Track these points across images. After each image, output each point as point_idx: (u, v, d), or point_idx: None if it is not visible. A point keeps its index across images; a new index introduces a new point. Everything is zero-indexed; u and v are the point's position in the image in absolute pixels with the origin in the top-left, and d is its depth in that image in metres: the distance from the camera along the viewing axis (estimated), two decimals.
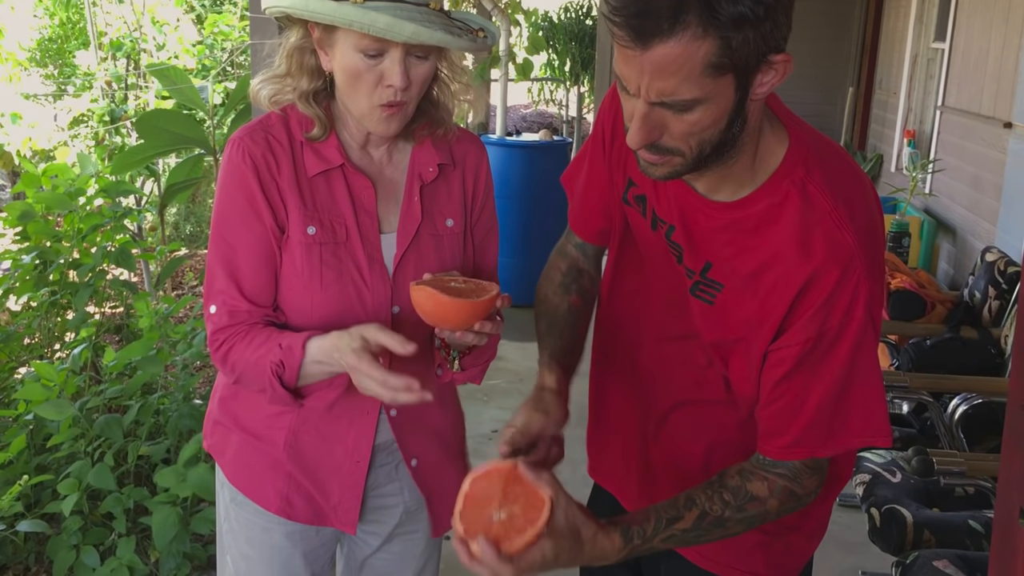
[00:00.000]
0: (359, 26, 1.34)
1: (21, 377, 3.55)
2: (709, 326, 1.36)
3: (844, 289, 1.23)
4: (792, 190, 1.26)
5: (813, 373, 1.27)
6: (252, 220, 1.48)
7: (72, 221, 3.89)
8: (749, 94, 1.17)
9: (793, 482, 1.31)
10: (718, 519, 1.30)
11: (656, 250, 1.43)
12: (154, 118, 3.80)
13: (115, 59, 6.67)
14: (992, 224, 4.48)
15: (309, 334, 1.44)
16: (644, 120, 1.17)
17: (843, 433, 1.30)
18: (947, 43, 5.46)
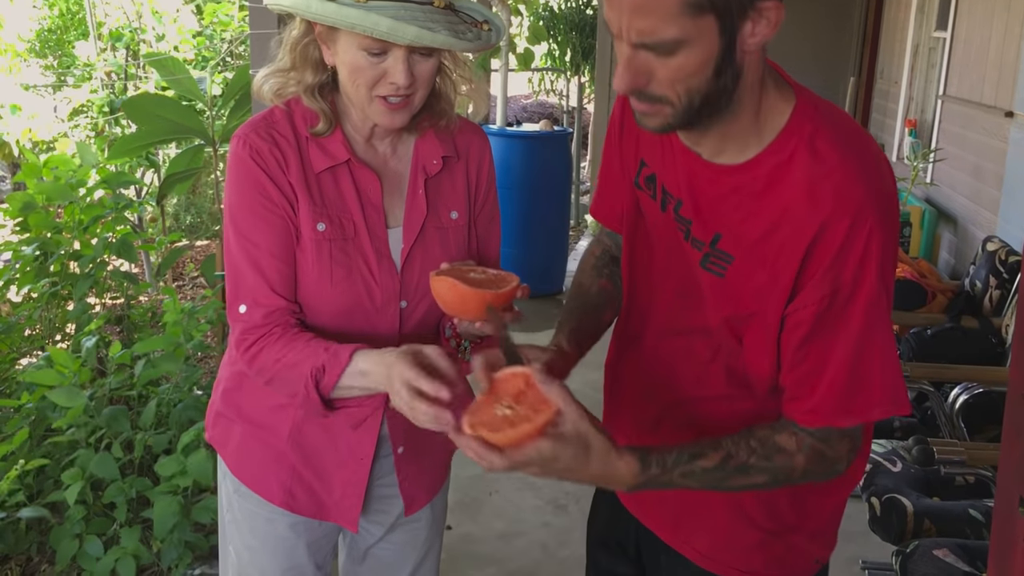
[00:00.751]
0: (361, 29, 1.33)
1: (23, 368, 3.55)
2: (720, 301, 1.32)
3: (855, 241, 1.20)
4: (800, 146, 1.24)
5: (832, 335, 1.23)
6: (268, 213, 1.46)
7: (73, 212, 3.89)
8: (736, 42, 1.16)
9: (823, 443, 1.27)
10: (743, 464, 1.26)
11: (665, 235, 1.41)
12: (143, 102, 3.77)
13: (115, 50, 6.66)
14: (993, 213, 4.47)
15: (356, 346, 1.42)
16: (629, 63, 1.17)
17: (864, 403, 1.26)
18: (948, 32, 5.44)
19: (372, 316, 1.52)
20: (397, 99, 1.41)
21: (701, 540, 1.46)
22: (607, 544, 1.65)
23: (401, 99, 1.42)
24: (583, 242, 7.61)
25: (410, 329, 1.56)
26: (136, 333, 4.01)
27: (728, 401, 1.40)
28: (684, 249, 1.37)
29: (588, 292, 1.58)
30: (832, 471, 1.30)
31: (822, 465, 1.29)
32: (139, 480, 2.96)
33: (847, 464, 1.31)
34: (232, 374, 1.65)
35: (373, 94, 1.41)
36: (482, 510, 3.46)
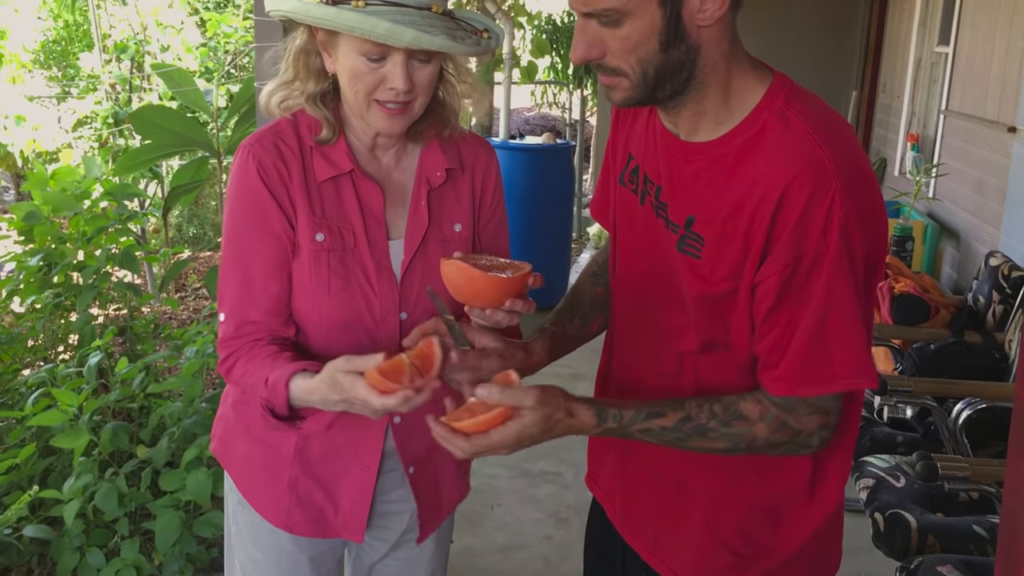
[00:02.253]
0: (360, 31, 1.34)
1: (26, 379, 3.55)
2: (697, 283, 1.33)
3: (818, 207, 1.21)
4: (771, 119, 1.27)
5: (795, 305, 1.25)
6: (263, 228, 1.47)
7: (77, 223, 3.90)
8: (682, 17, 1.22)
9: (787, 413, 1.28)
10: (701, 427, 1.29)
11: (647, 231, 1.43)
12: (149, 114, 3.79)
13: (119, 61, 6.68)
14: (996, 228, 4.47)
15: (293, 371, 1.41)
16: (581, 33, 1.27)
17: (825, 373, 1.26)
18: (951, 47, 5.45)
19: (371, 328, 1.52)
20: (396, 105, 1.42)
21: (679, 561, 1.46)
22: (600, 560, 1.66)
23: (400, 105, 1.42)
24: (585, 255, 7.61)
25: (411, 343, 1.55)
26: (139, 345, 4.02)
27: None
28: (665, 238, 1.38)
29: (581, 299, 1.63)
30: (802, 444, 1.31)
31: (787, 436, 1.29)
32: (141, 494, 2.96)
33: (819, 441, 1.30)
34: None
35: (372, 99, 1.42)
36: (484, 523, 3.45)
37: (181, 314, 5.90)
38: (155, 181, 5.76)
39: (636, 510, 1.51)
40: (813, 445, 1.31)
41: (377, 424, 1.58)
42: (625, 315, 1.53)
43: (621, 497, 1.55)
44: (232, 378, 1.50)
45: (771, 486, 1.41)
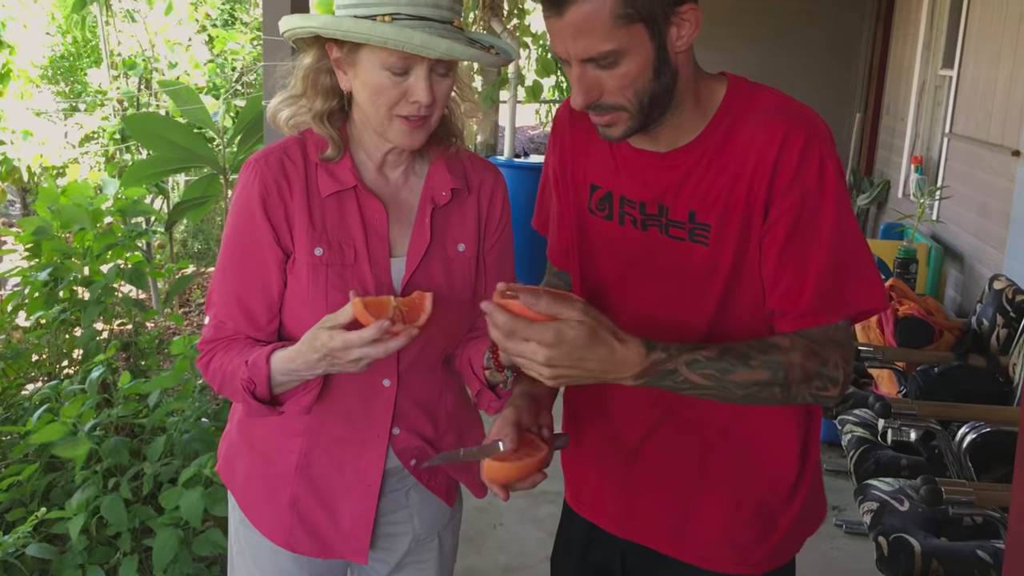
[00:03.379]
0: (394, 43, 1.36)
1: (30, 394, 3.55)
2: (711, 265, 1.41)
3: (812, 152, 1.34)
4: (743, 103, 1.40)
5: (806, 243, 1.35)
6: (252, 248, 1.50)
7: (83, 238, 3.91)
8: (667, 46, 1.33)
9: (813, 343, 1.36)
10: (742, 354, 1.33)
11: (622, 251, 1.49)
12: (146, 122, 3.81)
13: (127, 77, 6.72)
14: (1000, 252, 4.47)
15: (273, 347, 1.46)
16: (580, 80, 1.34)
17: (847, 296, 1.38)
18: (955, 71, 5.47)
19: None
20: (417, 118, 1.44)
21: (704, 545, 1.53)
22: (585, 572, 1.68)
23: (420, 118, 1.44)
24: None
25: (410, 358, 1.56)
26: (143, 360, 4.02)
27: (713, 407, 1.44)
28: (662, 243, 1.45)
29: None
30: (829, 378, 1.36)
31: (817, 364, 1.35)
32: (143, 509, 2.96)
33: (843, 376, 1.37)
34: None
35: (393, 113, 1.43)
36: (486, 543, 3.44)
37: (185, 329, 5.91)
38: (161, 197, 5.78)
39: (649, 509, 1.55)
40: (839, 380, 1.37)
41: (379, 440, 1.58)
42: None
43: (624, 502, 1.58)
44: (210, 370, 1.53)
45: (774, 461, 1.51)
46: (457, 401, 1.68)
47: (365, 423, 1.58)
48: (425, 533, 1.70)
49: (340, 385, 1.55)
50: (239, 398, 1.51)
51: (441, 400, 1.65)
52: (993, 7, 4.89)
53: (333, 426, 1.58)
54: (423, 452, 1.63)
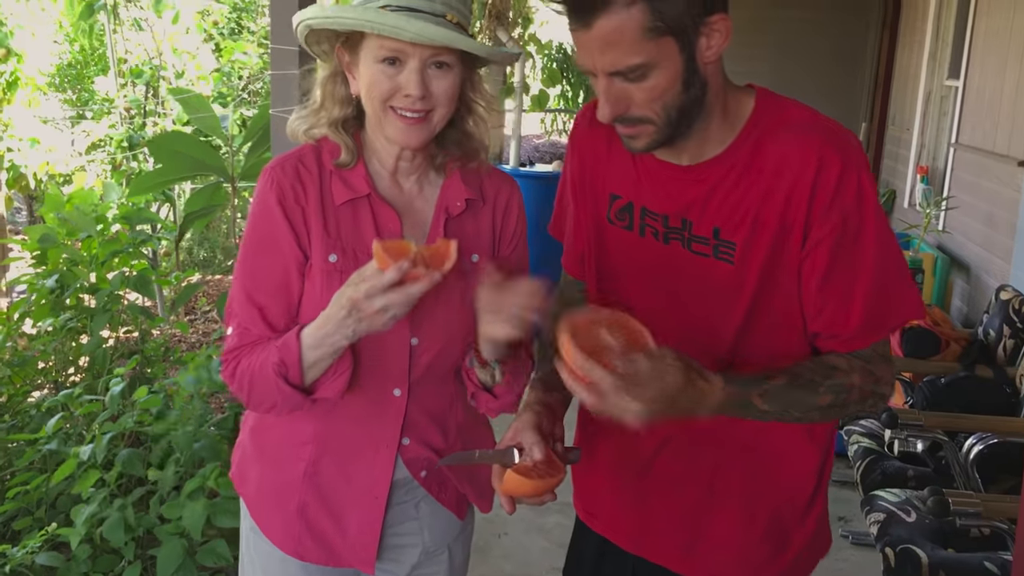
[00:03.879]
0: (370, 26, 1.37)
1: (37, 401, 3.56)
2: (734, 284, 1.40)
3: (850, 173, 1.32)
4: (772, 118, 1.38)
5: (850, 267, 1.35)
6: (272, 249, 1.50)
7: (90, 246, 3.92)
8: (696, 57, 1.29)
9: (868, 363, 1.38)
10: (809, 382, 1.34)
11: (643, 262, 1.48)
12: (168, 141, 3.83)
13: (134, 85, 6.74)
14: (1006, 262, 4.46)
15: (301, 325, 1.45)
16: (607, 94, 1.31)
17: (894, 313, 1.39)
18: (961, 81, 5.47)
19: (380, 351, 1.52)
20: (413, 114, 1.43)
21: (718, 563, 1.52)
22: None
23: (416, 115, 1.44)
24: None
25: (421, 368, 1.56)
26: (149, 368, 4.02)
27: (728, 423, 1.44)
28: (685, 257, 1.43)
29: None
30: (881, 393, 1.40)
31: (872, 383, 1.38)
32: (147, 518, 2.96)
33: (891, 390, 1.42)
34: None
35: (388, 105, 1.44)
36: (491, 552, 3.43)
37: (190, 337, 5.92)
38: (167, 204, 5.79)
39: (660, 526, 1.54)
40: (887, 395, 1.41)
41: (388, 450, 1.58)
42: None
43: (636, 518, 1.57)
44: (237, 375, 1.51)
45: (793, 474, 1.49)
46: (468, 412, 1.67)
47: (375, 432, 1.58)
48: (435, 546, 1.69)
49: (351, 393, 1.54)
50: (270, 391, 1.47)
51: (452, 411, 1.64)
52: (999, 17, 4.90)
53: (343, 435, 1.58)
54: (433, 463, 1.63)
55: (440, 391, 1.61)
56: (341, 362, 1.47)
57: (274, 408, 1.51)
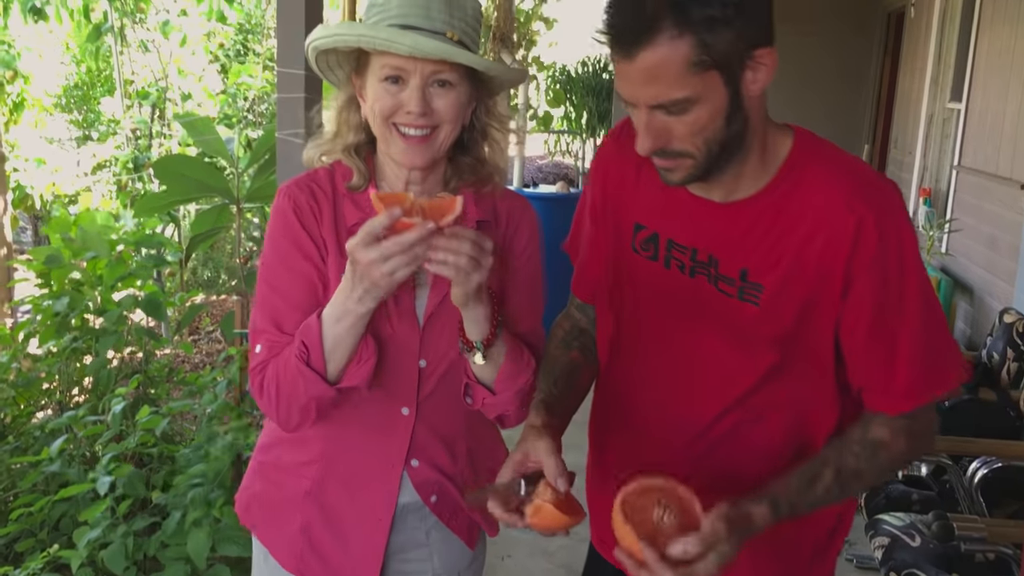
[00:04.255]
0: (366, 41, 1.39)
1: (41, 422, 3.56)
2: (759, 328, 1.38)
3: (890, 228, 1.30)
4: (811, 161, 1.35)
5: (894, 324, 1.32)
6: (295, 259, 1.50)
7: (95, 267, 3.93)
8: (741, 91, 1.26)
9: (913, 421, 1.36)
10: (855, 472, 1.33)
11: (674, 295, 1.44)
12: (174, 163, 3.84)
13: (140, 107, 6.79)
14: (1010, 285, 4.47)
15: (322, 307, 1.42)
16: (648, 127, 1.27)
17: (943, 373, 1.36)
18: (963, 104, 5.49)
19: (389, 371, 1.52)
20: (416, 131, 1.44)
21: None
22: None
23: (419, 133, 1.44)
24: None
25: (429, 390, 1.56)
26: (153, 388, 4.03)
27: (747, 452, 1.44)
28: (709, 293, 1.41)
29: (556, 363, 1.58)
30: (924, 447, 1.40)
31: (914, 442, 1.37)
32: (151, 542, 2.95)
33: (932, 440, 1.41)
34: (268, 430, 1.67)
35: (391, 123, 1.44)
36: (495, 575, 3.42)
37: (194, 357, 5.93)
38: (172, 224, 5.82)
39: None
40: (931, 444, 1.41)
41: (392, 471, 1.57)
42: (646, 374, 1.52)
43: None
44: (264, 386, 1.48)
45: (810, 524, 1.46)
46: (481, 436, 1.66)
47: (382, 451, 1.57)
48: (445, 573, 1.68)
49: (358, 410, 1.54)
50: (295, 386, 1.44)
51: (463, 434, 1.63)
52: (1001, 41, 4.93)
53: (349, 454, 1.58)
54: (443, 487, 1.62)
55: (450, 413, 1.60)
56: (365, 348, 1.45)
57: (303, 413, 1.47)
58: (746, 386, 1.41)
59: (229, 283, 7.20)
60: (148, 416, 3.20)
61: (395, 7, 1.42)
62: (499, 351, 1.48)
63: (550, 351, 1.61)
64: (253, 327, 1.54)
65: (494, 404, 1.53)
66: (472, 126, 1.54)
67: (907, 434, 1.36)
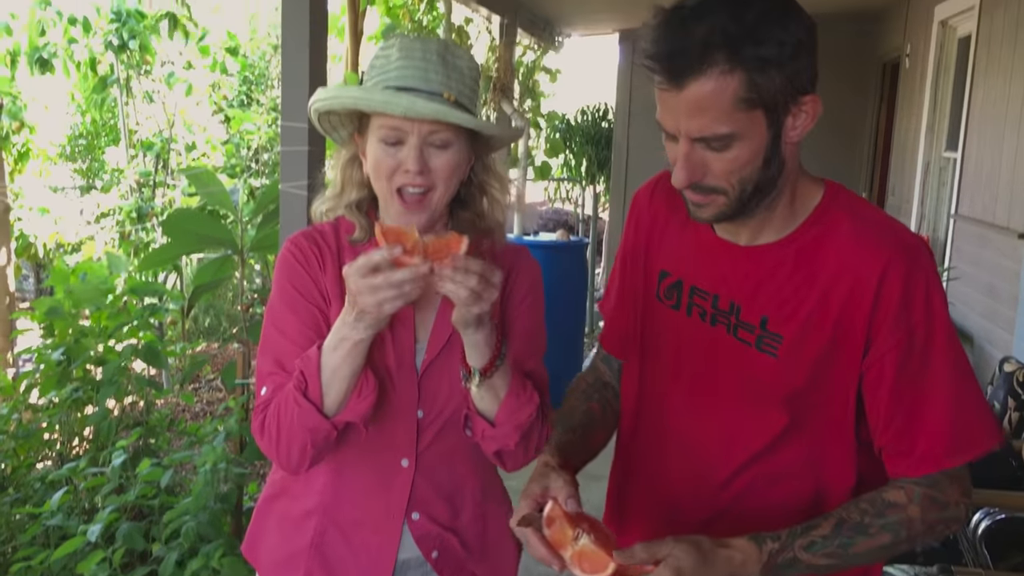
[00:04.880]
0: (363, 102, 1.43)
1: (41, 473, 3.55)
2: (777, 380, 1.35)
3: (917, 282, 1.28)
4: (840, 212, 1.34)
5: (919, 383, 1.29)
6: (299, 302, 1.53)
7: (99, 318, 3.95)
8: (782, 135, 1.26)
9: (932, 489, 1.29)
10: (858, 524, 1.27)
11: (686, 343, 1.44)
12: (181, 219, 3.88)
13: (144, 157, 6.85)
14: (1009, 333, 4.47)
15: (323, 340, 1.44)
16: (687, 159, 1.26)
17: (970, 438, 1.30)
18: (959, 153, 5.53)
19: (388, 422, 1.54)
20: (415, 189, 1.46)
21: None
22: None
23: (417, 193, 1.46)
24: None
25: (428, 440, 1.56)
26: (153, 439, 4.02)
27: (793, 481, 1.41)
28: (728, 343, 1.39)
29: (574, 413, 1.59)
30: (951, 519, 1.31)
31: (938, 512, 1.30)
32: None
33: (965, 511, 1.32)
34: (272, 481, 1.67)
35: (392, 186, 1.47)
36: None
37: (195, 406, 5.92)
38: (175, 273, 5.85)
39: None
40: (961, 517, 1.32)
41: (393, 523, 1.57)
42: (664, 428, 1.51)
43: None
44: (265, 424, 1.48)
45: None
46: (485, 490, 1.66)
47: (381, 503, 1.57)
48: None
49: (357, 463, 1.55)
50: (292, 420, 1.44)
51: (465, 486, 1.63)
52: (995, 91, 4.98)
53: (350, 505, 1.58)
54: (445, 542, 1.61)
55: (451, 466, 1.61)
56: (366, 383, 1.45)
57: (302, 451, 1.46)
58: (759, 446, 1.39)
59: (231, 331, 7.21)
60: (149, 468, 3.19)
61: (394, 69, 1.46)
62: (501, 383, 1.47)
63: (570, 401, 1.62)
64: (259, 372, 1.55)
65: (494, 436, 1.51)
66: (470, 181, 1.57)
67: (924, 501, 1.29)
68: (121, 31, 6.84)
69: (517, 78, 7.13)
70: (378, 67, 1.48)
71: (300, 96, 3.13)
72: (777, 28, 1.20)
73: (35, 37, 7.00)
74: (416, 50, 1.47)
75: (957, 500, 1.31)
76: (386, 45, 1.51)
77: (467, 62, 1.51)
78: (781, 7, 1.23)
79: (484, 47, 7.23)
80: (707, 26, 1.19)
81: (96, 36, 7.01)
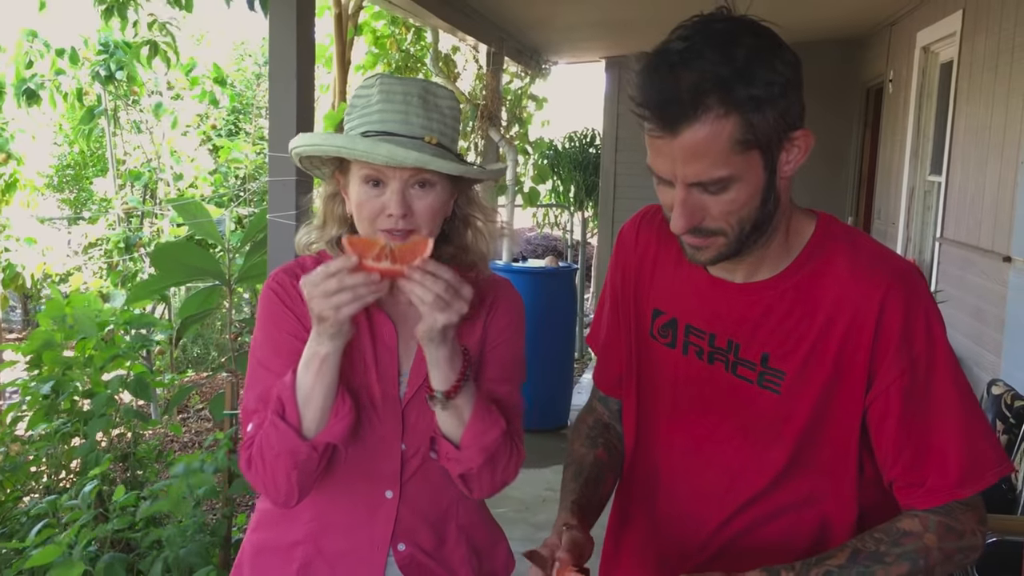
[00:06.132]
0: (345, 152, 1.43)
1: (26, 508, 3.52)
2: (781, 416, 1.34)
3: (916, 311, 1.28)
4: (835, 244, 1.34)
5: (925, 414, 1.28)
6: (281, 337, 1.53)
7: (85, 348, 3.93)
8: (777, 171, 1.25)
9: (948, 517, 1.28)
10: (874, 554, 1.26)
11: (683, 382, 1.43)
12: (169, 250, 3.90)
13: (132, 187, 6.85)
14: (997, 356, 4.48)
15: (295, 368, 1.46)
16: (684, 205, 1.24)
17: (982, 467, 1.29)
18: (943, 176, 5.57)
19: (373, 452, 1.54)
20: (398, 234, 1.46)
21: None
22: None
23: (401, 236, 1.46)
24: (587, 375, 7.62)
25: (412, 471, 1.57)
26: (141, 470, 3.99)
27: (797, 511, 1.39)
28: (727, 381, 1.38)
29: (584, 463, 1.57)
30: (969, 547, 1.30)
31: (955, 540, 1.29)
32: None
33: (982, 539, 1.31)
34: (259, 511, 1.67)
35: (375, 228, 1.47)
36: None
37: (183, 437, 5.88)
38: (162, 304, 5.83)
39: None
40: (979, 546, 1.31)
41: (378, 553, 1.57)
42: (660, 467, 1.50)
43: None
44: (252, 459, 1.48)
45: None
46: (472, 519, 1.66)
47: (366, 534, 1.57)
48: None
49: (342, 494, 1.55)
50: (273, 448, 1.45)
51: (449, 515, 1.63)
52: (977, 117, 5.03)
53: (334, 537, 1.58)
54: (431, 571, 1.60)
55: (435, 495, 1.61)
56: (342, 404, 1.46)
57: (287, 481, 1.47)
58: (762, 483, 1.38)
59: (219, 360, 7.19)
60: (124, 496, 3.17)
61: (375, 113, 1.46)
62: (464, 406, 1.48)
63: (576, 448, 1.60)
64: (244, 408, 1.56)
65: (458, 459, 1.51)
66: (454, 215, 1.57)
67: (940, 529, 1.28)
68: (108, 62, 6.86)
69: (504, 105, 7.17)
70: (359, 107, 1.49)
71: (287, 127, 3.15)
72: (767, 66, 1.20)
73: (22, 69, 7.01)
74: (397, 93, 1.47)
75: (973, 529, 1.30)
76: (366, 84, 1.51)
77: (448, 101, 1.52)
78: (768, 45, 1.22)
79: (471, 76, 7.28)
80: (697, 71, 1.17)
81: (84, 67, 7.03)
